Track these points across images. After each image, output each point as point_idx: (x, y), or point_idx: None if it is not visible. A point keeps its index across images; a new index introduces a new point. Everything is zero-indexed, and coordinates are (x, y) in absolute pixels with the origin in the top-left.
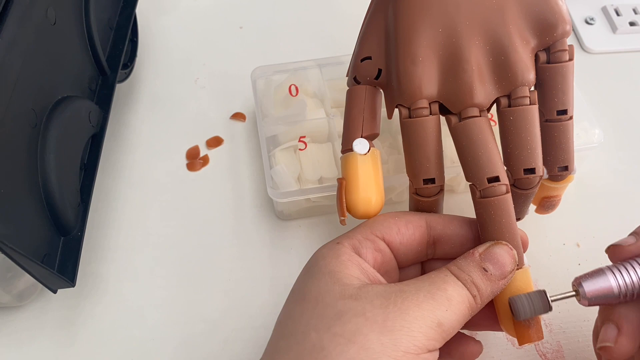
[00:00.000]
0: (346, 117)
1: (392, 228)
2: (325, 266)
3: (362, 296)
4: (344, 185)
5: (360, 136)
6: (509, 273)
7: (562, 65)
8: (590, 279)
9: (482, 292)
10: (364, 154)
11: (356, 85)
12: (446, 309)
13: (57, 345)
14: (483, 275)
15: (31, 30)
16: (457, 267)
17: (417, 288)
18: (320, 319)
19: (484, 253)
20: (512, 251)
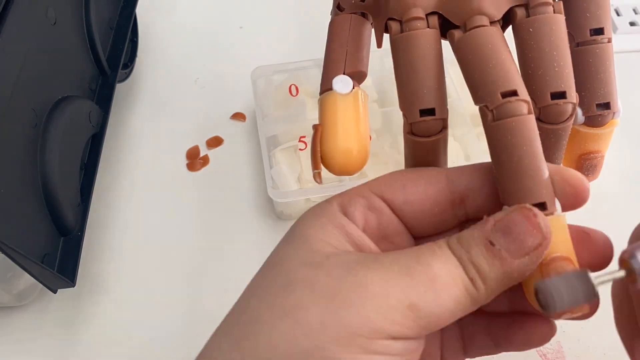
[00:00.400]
0: (326, 52)
1: (395, 184)
2: (300, 227)
3: (323, 265)
4: (320, 132)
5: (342, 73)
6: (530, 249)
7: None
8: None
9: (484, 274)
10: (345, 94)
11: (339, 14)
12: (425, 290)
13: (57, 345)
14: (487, 251)
15: (31, 30)
16: (456, 239)
17: (394, 259)
18: (268, 287)
19: (499, 220)
20: (537, 218)
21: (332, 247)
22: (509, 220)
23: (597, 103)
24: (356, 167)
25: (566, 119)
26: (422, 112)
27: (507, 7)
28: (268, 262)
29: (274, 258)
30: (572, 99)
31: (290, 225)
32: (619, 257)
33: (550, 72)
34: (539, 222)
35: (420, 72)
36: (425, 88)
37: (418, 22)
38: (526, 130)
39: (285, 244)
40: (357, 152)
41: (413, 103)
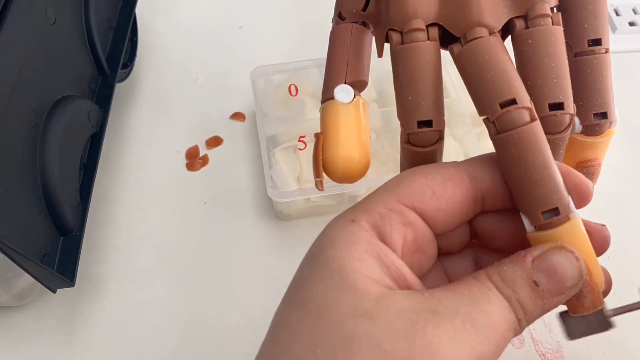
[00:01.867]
0: (328, 61)
1: (425, 192)
2: (333, 259)
3: (380, 315)
4: (322, 141)
5: (343, 82)
6: (568, 289)
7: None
8: None
9: (529, 315)
10: (346, 103)
11: (340, 23)
12: (489, 342)
13: (56, 345)
14: (533, 292)
15: (31, 29)
16: (500, 278)
17: (454, 309)
18: (323, 341)
19: (538, 259)
20: (579, 261)
21: (376, 283)
22: (553, 262)
23: (595, 112)
24: (358, 174)
25: (564, 129)
26: (419, 124)
27: (507, 18)
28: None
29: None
30: (569, 110)
31: (289, 225)
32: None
33: (548, 84)
34: (580, 266)
35: (419, 84)
36: (423, 100)
37: (419, 33)
38: (529, 140)
39: (319, 280)
40: (359, 160)
41: (411, 114)
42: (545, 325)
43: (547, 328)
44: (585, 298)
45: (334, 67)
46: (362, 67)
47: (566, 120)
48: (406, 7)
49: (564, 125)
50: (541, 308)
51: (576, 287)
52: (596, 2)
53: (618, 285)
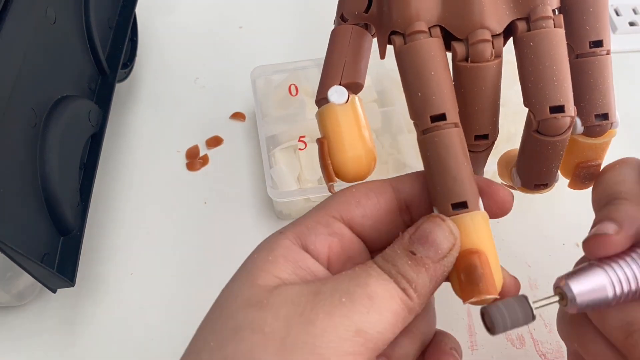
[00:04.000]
0: (325, 61)
1: (350, 202)
2: (250, 262)
3: (269, 303)
4: (326, 145)
5: (338, 83)
6: (447, 251)
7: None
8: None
9: (415, 283)
10: (342, 104)
11: (341, 24)
12: (367, 311)
13: (56, 345)
14: (411, 261)
15: (31, 29)
16: (382, 257)
17: (334, 287)
18: (217, 334)
19: (413, 233)
20: (445, 222)
21: (278, 279)
22: (423, 229)
23: (596, 114)
24: (367, 171)
25: (564, 132)
26: (432, 119)
27: (509, 20)
28: (215, 302)
29: (220, 297)
30: (570, 113)
31: None
32: (554, 284)
33: (549, 86)
34: (449, 226)
35: (428, 78)
36: (434, 94)
37: (421, 35)
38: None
39: (231, 281)
40: (366, 158)
41: (423, 110)
42: (545, 325)
43: (547, 328)
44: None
45: (331, 67)
46: (359, 70)
47: (567, 123)
48: (409, 9)
49: (565, 127)
50: (426, 275)
51: (454, 249)
52: (597, 3)
53: None
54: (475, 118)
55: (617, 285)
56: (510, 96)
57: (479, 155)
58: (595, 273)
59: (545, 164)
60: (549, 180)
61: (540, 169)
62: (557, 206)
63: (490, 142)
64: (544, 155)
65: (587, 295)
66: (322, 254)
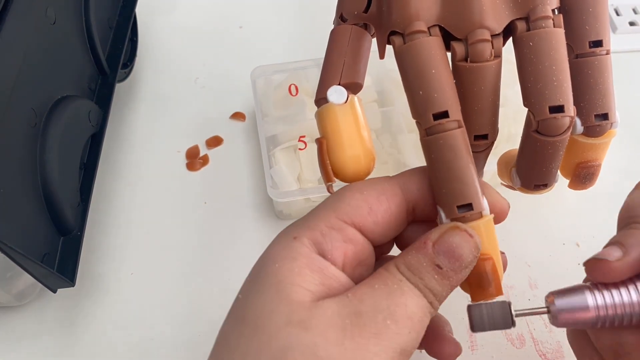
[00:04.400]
0: (324, 61)
1: (362, 207)
2: (274, 274)
3: (313, 324)
4: (325, 145)
5: (338, 83)
6: (469, 263)
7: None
8: (565, 296)
9: (439, 296)
10: (341, 104)
11: (341, 24)
12: (409, 331)
13: (56, 345)
14: (437, 275)
15: (31, 29)
16: (406, 267)
17: (375, 307)
18: (259, 352)
19: (437, 243)
20: (473, 238)
21: (312, 294)
22: (450, 243)
23: (596, 114)
24: (367, 171)
25: (564, 132)
26: (435, 116)
27: (508, 20)
28: (243, 317)
29: (250, 314)
30: (569, 113)
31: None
32: (546, 295)
33: (549, 86)
34: (475, 242)
35: (429, 76)
36: (435, 92)
37: (420, 35)
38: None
39: (258, 294)
40: (365, 157)
41: (425, 108)
42: (545, 325)
43: (547, 328)
44: (489, 286)
45: (330, 67)
46: (358, 70)
47: (566, 123)
48: (408, 9)
49: (564, 127)
50: (449, 287)
51: (474, 261)
52: (597, 3)
53: None
54: (475, 118)
55: (602, 310)
56: (510, 96)
57: (479, 155)
58: (583, 295)
59: (545, 164)
60: (549, 180)
61: (540, 169)
62: (557, 206)
63: (490, 142)
64: (544, 156)
65: (570, 314)
66: (339, 262)
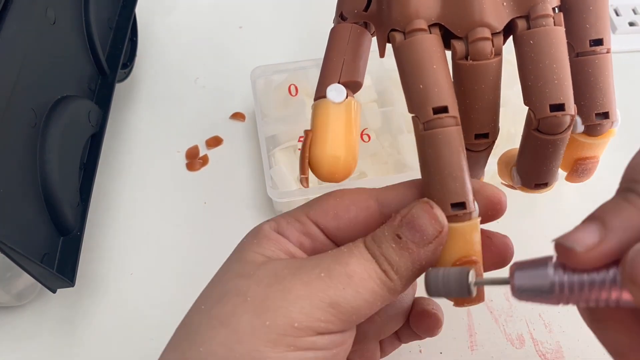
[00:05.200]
0: (324, 59)
1: (328, 212)
2: (239, 248)
3: (256, 274)
4: (310, 138)
5: (337, 82)
6: (433, 237)
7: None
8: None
9: (396, 266)
10: (337, 103)
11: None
12: (343, 287)
13: (56, 345)
14: (396, 244)
15: (31, 29)
16: (371, 238)
17: (317, 263)
18: (206, 300)
19: (404, 216)
20: (434, 209)
21: (266, 257)
22: (412, 214)
23: (596, 112)
24: (343, 175)
25: (564, 130)
26: (434, 110)
27: (509, 18)
28: (211, 279)
29: (215, 276)
30: (570, 111)
31: None
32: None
33: (549, 85)
34: (437, 214)
35: (429, 71)
36: (436, 87)
37: (420, 32)
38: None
39: (225, 262)
40: (345, 160)
41: (425, 102)
42: (545, 325)
43: (547, 328)
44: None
45: (329, 66)
46: (358, 68)
47: (567, 121)
48: (408, 8)
49: (565, 126)
50: (408, 259)
51: (440, 237)
52: (597, 2)
53: None
54: (476, 117)
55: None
56: (510, 96)
57: (479, 154)
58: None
59: (545, 162)
60: (549, 179)
61: (541, 168)
62: (558, 205)
63: (491, 141)
64: (544, 154)
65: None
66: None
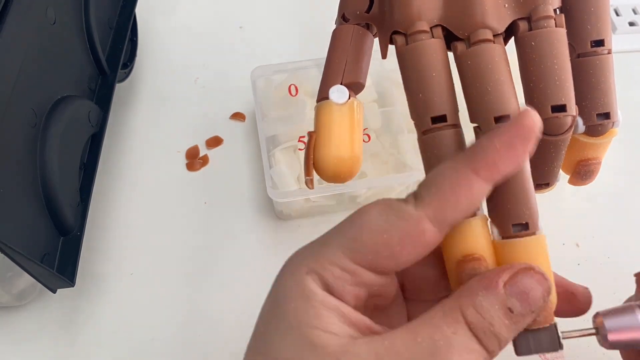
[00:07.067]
0: (326, 61)
1: (380, 252)
2: (292, 314)
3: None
4: (314, 140)
5: (340, 83)
6: (539, 308)
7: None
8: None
9: (503, 344)
10: (340, 104)
11: (343, 24)
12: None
13: (56, 345)
14: (509, 320)
15: (31, 29)
16: (476, 311)
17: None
18: None
19: (509, 283)
20: (548, 282)
21: (335, 337)
22: (525, 286)
23: (598, 113)
24: (347, 175)
25: (565, 131)
26: (433, 120)
27: (510, 20)
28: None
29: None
30: (571, 112)
31: (290, 225)
32: (593, 316)
33: (551, 86)
34: (549, 287)
35: (429, 80)
36: (435, 96)
37: (423, 35)
38: None
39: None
40: (349, 161)
41: (424, 111)
42: None
43: None
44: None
45: (332, 67)
46: (360, 69)
47: (568, 122)
48: (410, 9)
49: (566, 126)
50: (516, 331)
51: (544, 306)
52: (598, 3)
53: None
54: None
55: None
56: None
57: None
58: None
59: (547, 163)
60: (551, 179)
61: (542, 169)
62: (558, 206)
63: None
64: (546, 155)
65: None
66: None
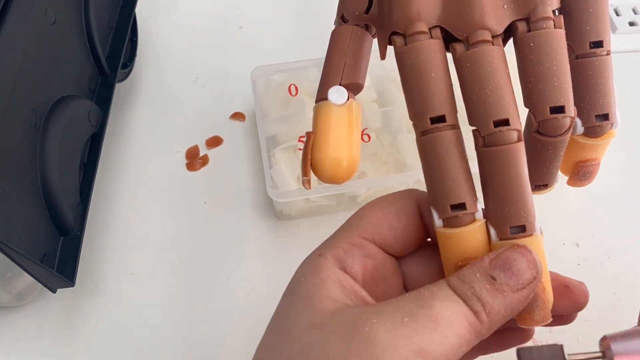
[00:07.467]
0: (325, 61)
1: (382, 225)
2: (303, 287)
3: (329, 325)
4: (312, 140)
5: (339, 84)
6: (528, 282)
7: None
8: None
9: (489, 307)
10: (339, 105)
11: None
12: (430, 332)
13: (56, 345)
14: (490, 286)
15: (31, 29)
16: (457, 278)
17: (397, 308)
18: (284, 352)
19: (495, 259)
20: (531, 254)
21: (334, 300)
22: (507, 257)
23: (596, 114)
24: (345, 176)
25: (564, 132)
26: (432, 120)
27: (509, 21)
28: (278, 327)
29: (283, 323)
30: (570, 113)
31: (290, 225)
32: (600, 339)
33: (549, 87)
34: (534, 258)
35: (428, 80)
36: (434, 96)
37: (421, 36)
38: (513, 158)
39: (290, 305)
40: (347, 162)
41: (423, 112)
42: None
43: (546, 329)
44: (536, 311)
45: (331, 68)
46: (359, 70)
47: (567, 123)
48: (409, 10)
49: (565, 128)
50: (502, 301)
51: (535, 282)
52: (597, 4)
53: (618, 285)
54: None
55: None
56: None
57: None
58: None
59: (545, 164)
60: (550, 180)
61: (541, 170)
62: (557, 206)
63: None
64: (544, 156)
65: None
66: (359, 275)
